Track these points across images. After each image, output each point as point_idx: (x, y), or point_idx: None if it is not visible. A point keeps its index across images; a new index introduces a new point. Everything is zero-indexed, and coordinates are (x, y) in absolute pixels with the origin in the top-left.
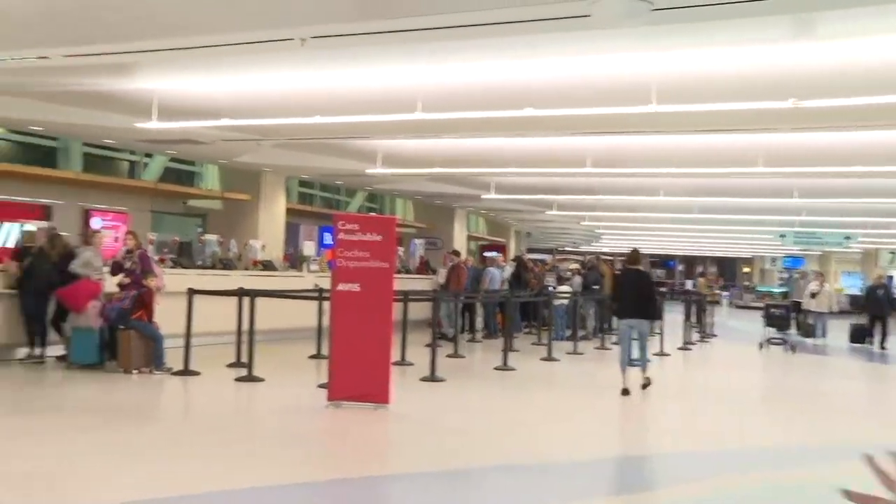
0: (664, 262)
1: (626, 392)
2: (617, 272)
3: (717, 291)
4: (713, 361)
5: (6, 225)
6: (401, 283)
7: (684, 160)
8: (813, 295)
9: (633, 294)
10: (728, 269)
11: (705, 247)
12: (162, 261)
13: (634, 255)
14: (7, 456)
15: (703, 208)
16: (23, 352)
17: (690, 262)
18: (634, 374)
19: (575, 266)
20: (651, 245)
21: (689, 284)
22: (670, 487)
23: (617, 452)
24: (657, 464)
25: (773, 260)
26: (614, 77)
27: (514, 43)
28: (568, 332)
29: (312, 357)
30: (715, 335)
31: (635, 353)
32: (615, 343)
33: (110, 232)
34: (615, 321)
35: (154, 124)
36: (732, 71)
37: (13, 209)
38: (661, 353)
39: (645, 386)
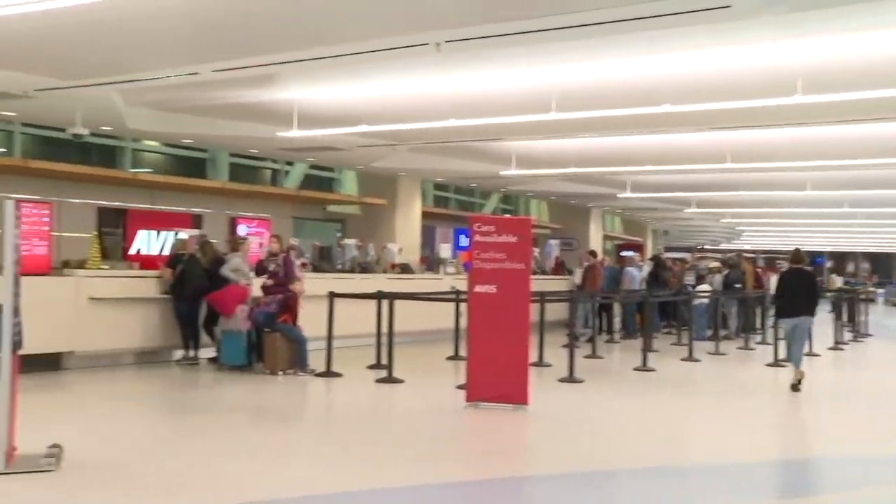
0: (811, 258)
1: (796, 388)
2: (758, 269)
3: (872, 288)
4: (868, 362)
5: (162, 234)
6: (537, 284)
7: (834, 152)
8: None
9: (797, 292)
10: (883, 265)
11: (857, 242)
12: (304, 266)
13: (798, 255)
14: (163, 455)
15: (855, 202)
16: (178, 354)
17: (840, 258)
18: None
19: (715, 264)
20: (797, 241)
21: (838, 282)
22: (820, 495)
23: (764, 455)
24: (806, 468)
25: None
26: (756, 68)
27: (650, 38)
28: (709, 332)
29: (450, 358)
30: (870, 335)
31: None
32: (759, 343)
33: (255, 238)
34: (758, 321)
35: (295, 133)
36: (886, 55)
37: (168, 218)
38: (811, 354)
39: (794, 387)
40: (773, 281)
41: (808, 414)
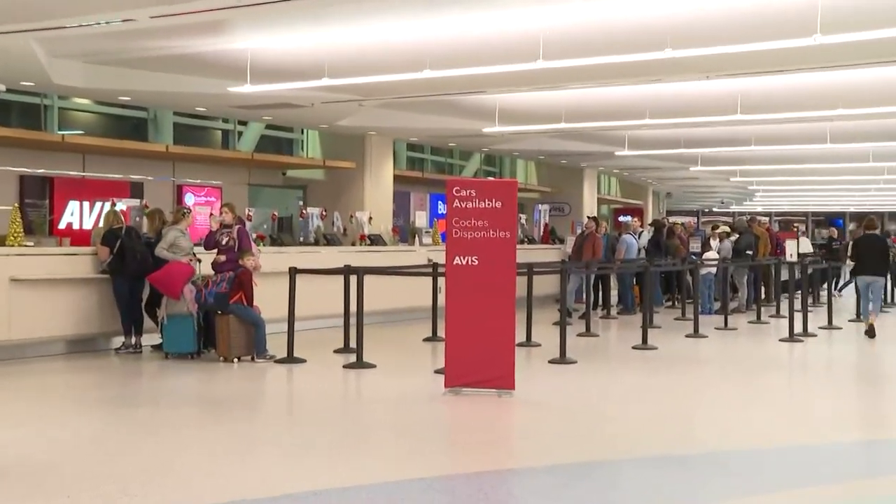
0: (830, 220)
1: (871, 332)
2: (771, 233)
3: None
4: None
5: (96, 205)
6: (523, 254)
7: (857, 99)
8: None
9: (871, 255)
10: None
11: (883, 201)
12: (260, 238)
13: (871, 222)
14: (100, 455)
15: (881, 155)
16: (118, 341)
17: (863, 219)
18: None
19: (724, 228)
20: (815, 201)
21: None
22: (836, 483)
23: (776, 441)
24: (820, 454)
25: None
26: (769, 6)
27: None
28: (716, 305)
29: (427, 340)
30: None
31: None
32: (773, 316)
33: (204, 208)
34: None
35: (248, 88)
36: None
37: (102, 187)
38: (833, 327)
39: (868, 332)
40: (789, 246)
41: (827, 393)
